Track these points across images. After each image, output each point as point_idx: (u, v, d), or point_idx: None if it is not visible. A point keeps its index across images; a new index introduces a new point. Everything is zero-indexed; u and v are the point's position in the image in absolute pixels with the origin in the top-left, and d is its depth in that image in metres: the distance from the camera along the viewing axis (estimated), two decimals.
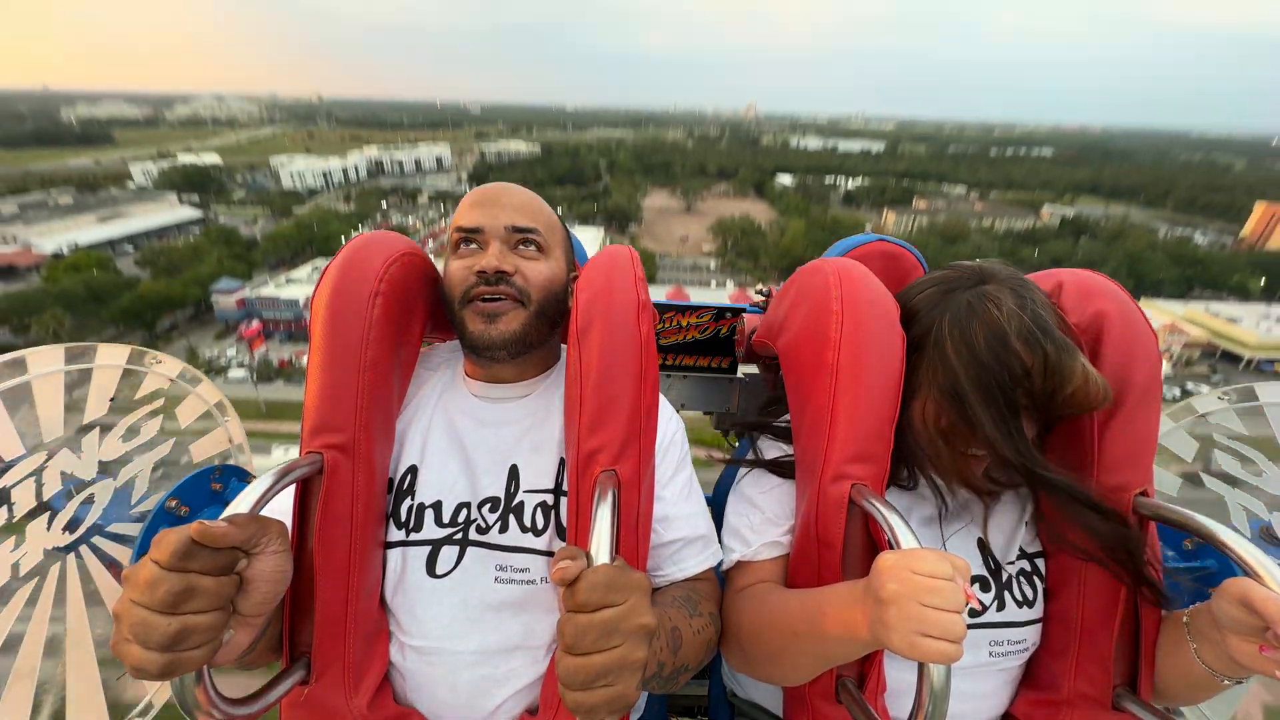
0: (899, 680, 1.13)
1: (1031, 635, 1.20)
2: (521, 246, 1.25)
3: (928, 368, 1.11)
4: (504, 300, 1.21)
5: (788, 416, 1.29)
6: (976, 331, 1.05)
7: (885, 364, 1.10)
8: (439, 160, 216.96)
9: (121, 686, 1.39)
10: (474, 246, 1.24)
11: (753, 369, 2.00)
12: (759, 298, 1.85)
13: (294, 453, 1.12)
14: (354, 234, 1.25)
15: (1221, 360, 67.71)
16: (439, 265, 1.34)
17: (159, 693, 1.44)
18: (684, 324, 1.95)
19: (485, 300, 1.20)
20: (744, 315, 1.87)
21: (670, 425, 1.31)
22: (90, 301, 63.31)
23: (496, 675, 1.15)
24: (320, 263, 75.24)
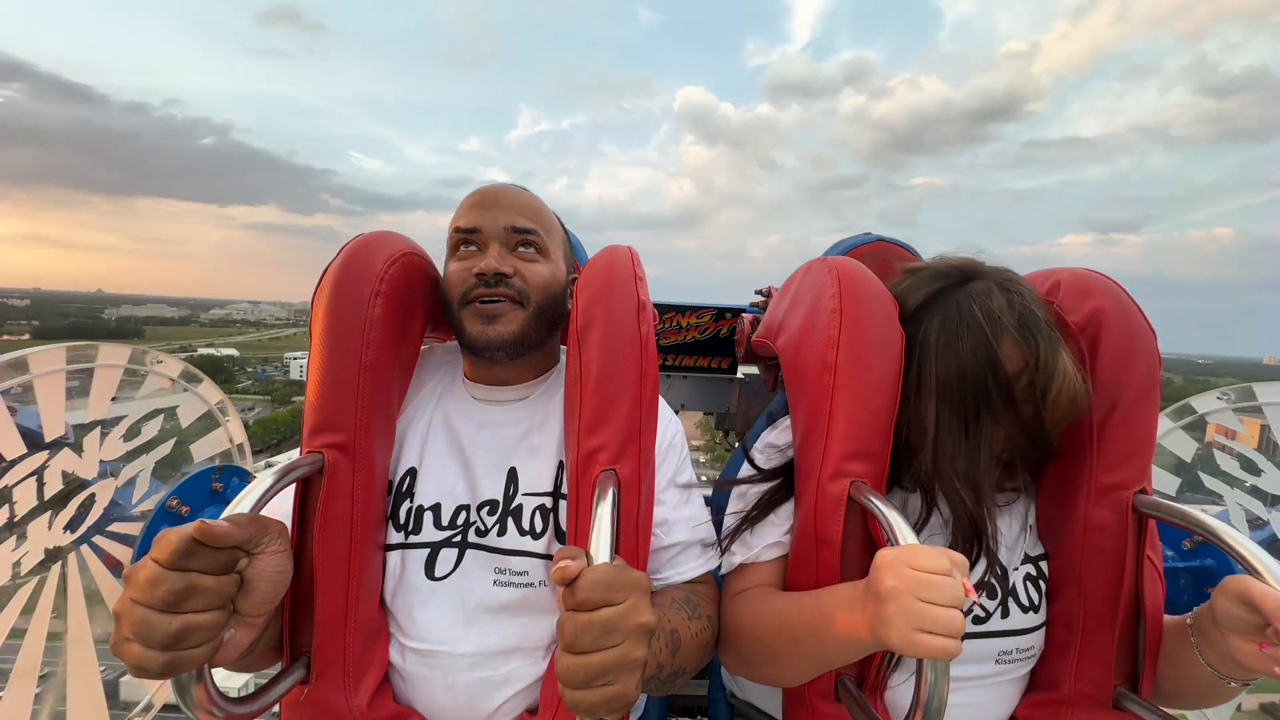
0: (897, 677, 1.12)
1: (1038, 641, 1.19)
2: (521, 248, 1.24)
3: (921, 370, 1.12)
4: (502, 302, 1.20)
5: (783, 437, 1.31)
6: (964, 336, 1.07)
7: (884, 362, 1.10)
8: None
9: (121, 685, 1.39)
10: (473, 248, 1.24)
11: (753, 369, 2.00)
12: (759, 297, 1.85)
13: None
14: None
15: None
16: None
17: (159, 692, 1.44)
18: (684, 324, 1.94)
19: (484, 302, 1.20)
20: (744, 315, 1.86)
21: (670, 428, 1.31)
22: None
23: (495, 677, 1.14)
24: None
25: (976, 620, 1.15)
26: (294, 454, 1.11)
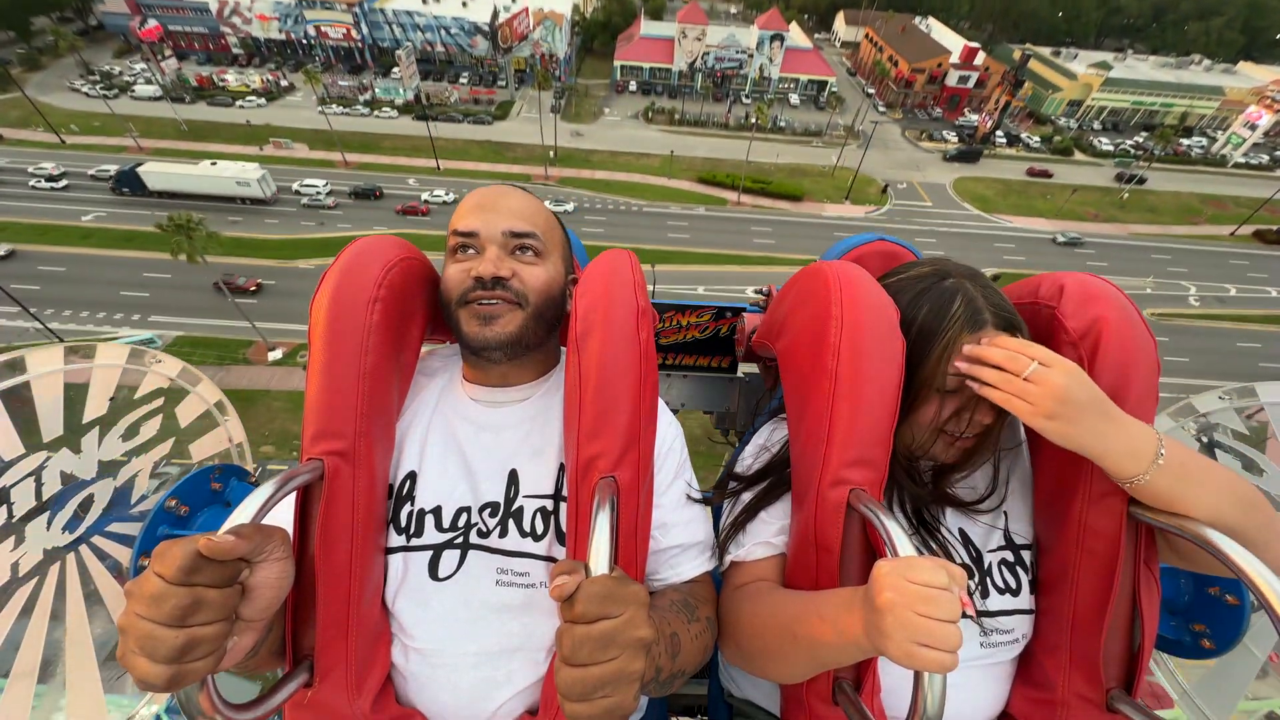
0: (895, 679, 1.13)
1: (1021, 626, 1.21)
2: (519, 251, 1.24)
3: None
4: (500, 304, 1.21)
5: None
6: (948, 329, 1.14)
7: (885, 369, 1.10)
8: None
9: (121, 686, 1.39)
10: (471, 251, 1.23)
11: (753, 368, 2.00)
12: (759, 297, 1.84)
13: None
14: None
15: None
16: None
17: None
18: (684, 324, 1.94)
19: (483, 304, 1.20)
20: (744, 315, 1.86)
21: (669, 431, 1.31)
22: None
23: (497, 677, 1.15)
24: None
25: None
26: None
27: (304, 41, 58.25)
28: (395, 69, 54.85)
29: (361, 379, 1.12)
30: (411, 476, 1.22)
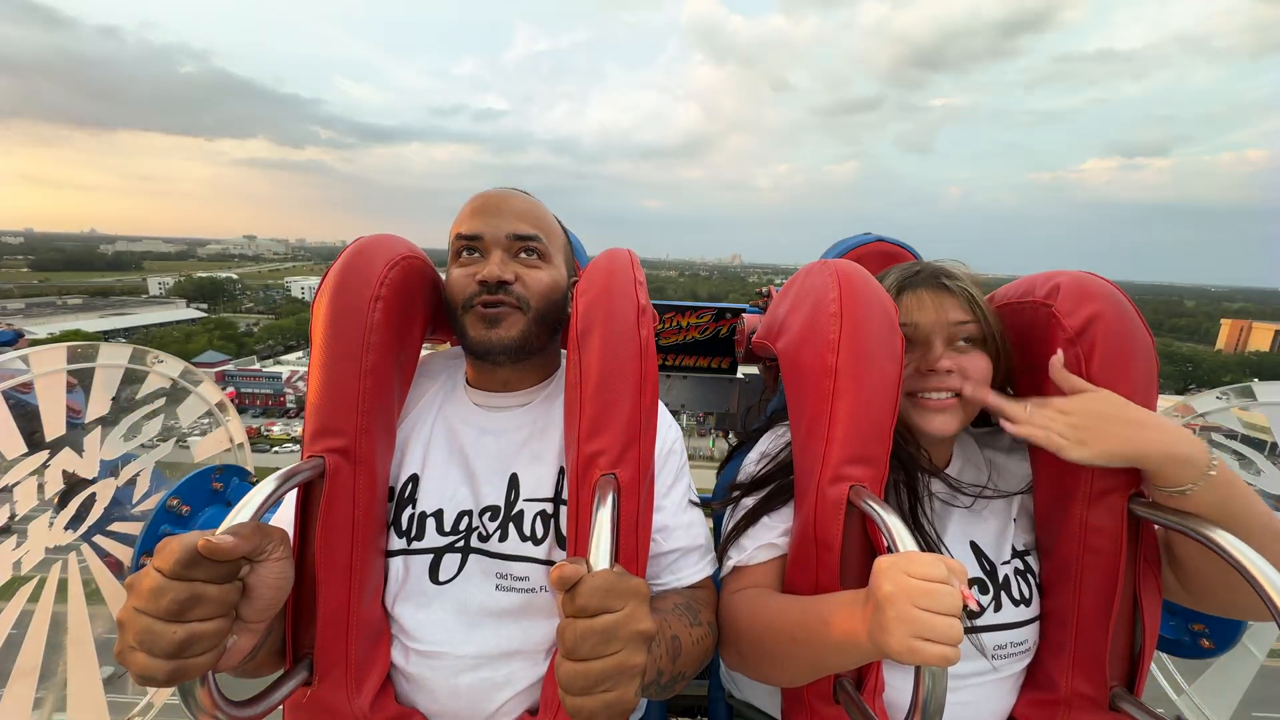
0: (896, 679, 1.13)
1: (1031, 635, 1.20)
2: (522, 254, 1.25)
3: None
4: (504, 307, 1.21)
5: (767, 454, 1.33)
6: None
7: (885, 366, 1.10)
8: None
9: (122, 685, 1.39)
10: (475, 254, 1.24)
11: (753, 369, 1.99)
12: (759, 297, 1.85)
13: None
14: None
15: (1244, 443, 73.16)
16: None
17: (159, 692, 1.45)
18: (684, 324, 1.94)
19: (487, 307, 1.20)
20: (744, 315, 1.86)
21: (670, 433, 1.31)
22: None
23: (496, 679, 1.15)
24: None
25: (971, 615, 1.16)
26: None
27: None
28: None
29: (363, 377, 1.12)
30: (414, 479, 1.22)
